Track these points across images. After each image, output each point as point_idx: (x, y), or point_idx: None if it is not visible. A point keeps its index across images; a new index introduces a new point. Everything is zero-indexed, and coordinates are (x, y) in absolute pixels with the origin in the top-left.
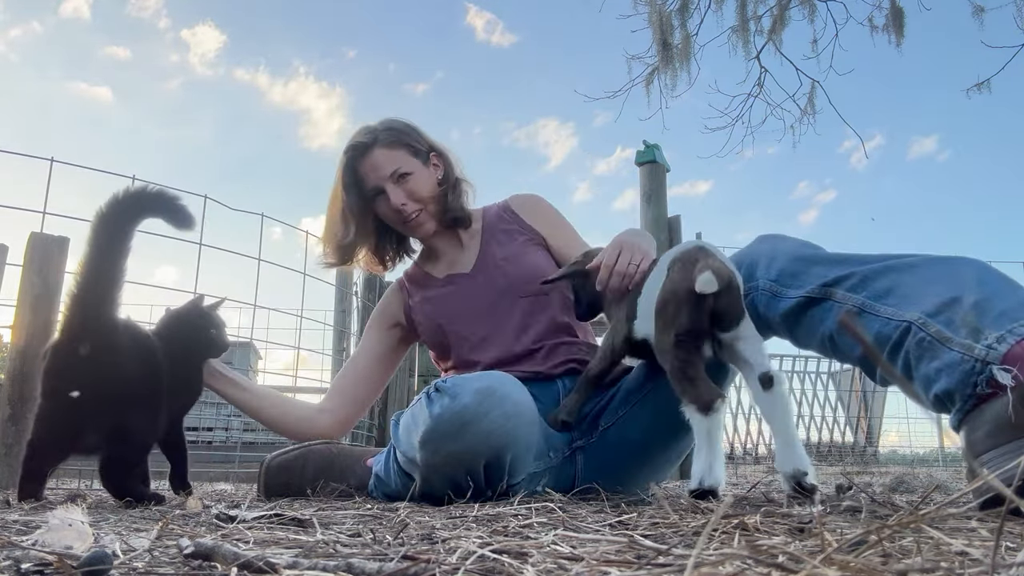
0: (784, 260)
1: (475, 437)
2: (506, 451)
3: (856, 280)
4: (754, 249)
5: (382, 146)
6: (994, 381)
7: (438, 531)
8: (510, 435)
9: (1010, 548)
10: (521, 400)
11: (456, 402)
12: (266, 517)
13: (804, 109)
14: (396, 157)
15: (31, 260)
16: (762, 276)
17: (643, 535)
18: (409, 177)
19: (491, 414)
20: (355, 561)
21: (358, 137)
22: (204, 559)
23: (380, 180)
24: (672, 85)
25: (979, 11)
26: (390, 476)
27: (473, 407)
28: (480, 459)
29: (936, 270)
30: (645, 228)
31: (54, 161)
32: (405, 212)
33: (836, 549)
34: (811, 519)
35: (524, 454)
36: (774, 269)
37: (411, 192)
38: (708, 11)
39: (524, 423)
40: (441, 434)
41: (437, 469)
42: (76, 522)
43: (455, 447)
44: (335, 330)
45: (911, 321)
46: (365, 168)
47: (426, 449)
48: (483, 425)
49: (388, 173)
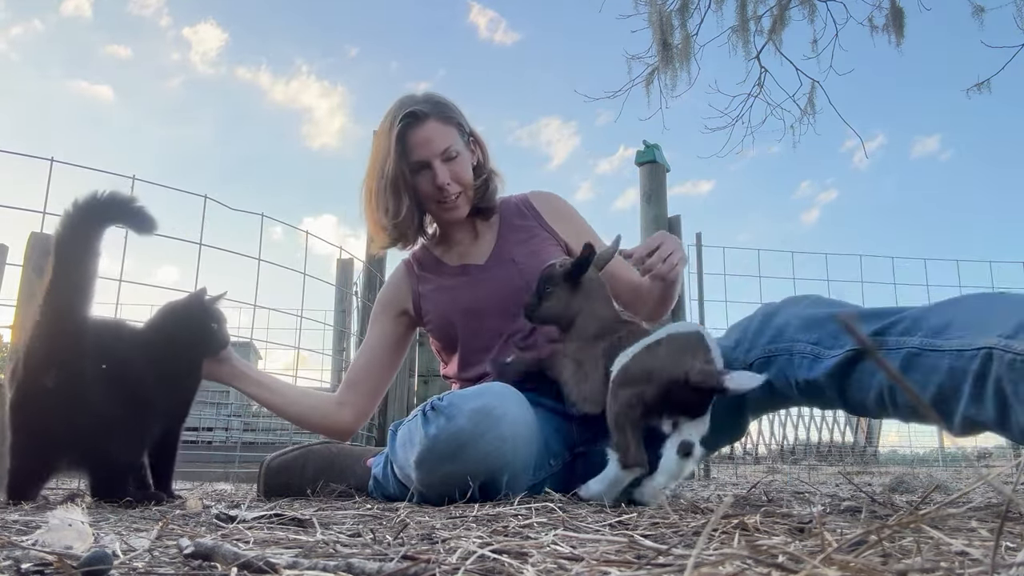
0: (822, 320)
1: (471, 459)
2: (502, 473)
3: (907, 323)
4: (777, 313)
5: (437, 120)
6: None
7: (438, 531)
8: (506, 457)
9: (1010, 548)
10: (519, 419)
11: (452, 424)
12: (266, 517)
13: (804, 109)
14: (449, 134)
15: (31, 260)
16: (802, 338)
17: (643, 535)
18: (457, 158)
19: (487, 436)
20: (355, 561)
21: (412, 105)
22: (204, 559)
23: (429, 155)
24: (672, 85)
25: (979, 11)
26: (388, 481)
27: (469, 429)
28: (476, 480)
29: (983, 301)
30: (645, 228)
31: (54, 161)
32: (448, 191)
33: (836, 549)
34: (811, 519)
35: (521, 474)
36: (814, 331)
37: (456, 173)
38: (708, 11)
39: (521, 444)
40: (437, 455)
41: (433, 487)
42: (76, 522)
43: (450, 469)
44: (335, 330)
45: (991, 347)
46: (417, 139)
47: (421, 469)
48: (479, 447)
49: (440, 149)
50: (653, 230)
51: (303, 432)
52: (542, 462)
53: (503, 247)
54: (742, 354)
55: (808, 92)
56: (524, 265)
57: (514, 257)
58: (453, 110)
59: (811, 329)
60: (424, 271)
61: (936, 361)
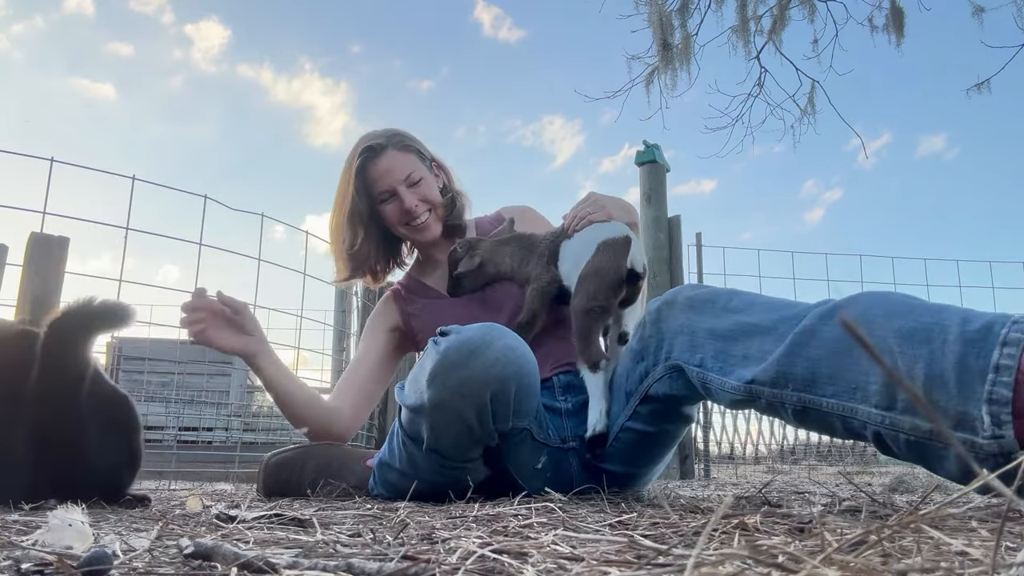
0: (701, 337)
1: (481, 365)
2: (510, 382)
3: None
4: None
5: (395, 149)
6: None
7: (438, 531)
8: (514, 364)
9: (1010, 548)
10: (521, 341)
11: (462, 335)
12: (266, 517)
13: (804, 109)
14: (409, 161)
15: (31, 260)
16: (688, 360)
17: (643, 535)
18: (421, 181)
19: (495, 344)
20: (355, 561)
21: (370, 140)
22: (204, 559)
23: (393, 183)
24: (672, 85)
25: (979, 11)
26: (394, 455)
27: (478, 338)
28: (487, 388)
29: (834, 344)
30: (645, 228)
31: (54, 161)
32: (416, 213)
33: (836, 549)
34: (811, 519)
35: (529, 390)
36: (696, 351)
37: (422, 195)
38: (708, 11)
39: (528, 356)
40: (450, 363)
41: (444, 406)
42: (76, 522)
43: (462, 375)
44: (335, 330)
45: (875, 426)
46: (378, 171)
47: (434, 384)
48: (488, 354)
49: (403, 176)
50: (653, 230)
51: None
52: (543, 423)
53: None
54: (650, 367)
55: (808, 92)
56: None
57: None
58: (411, 139)
59: (695, 349)
60: (411, 294)
61: (826, 419)
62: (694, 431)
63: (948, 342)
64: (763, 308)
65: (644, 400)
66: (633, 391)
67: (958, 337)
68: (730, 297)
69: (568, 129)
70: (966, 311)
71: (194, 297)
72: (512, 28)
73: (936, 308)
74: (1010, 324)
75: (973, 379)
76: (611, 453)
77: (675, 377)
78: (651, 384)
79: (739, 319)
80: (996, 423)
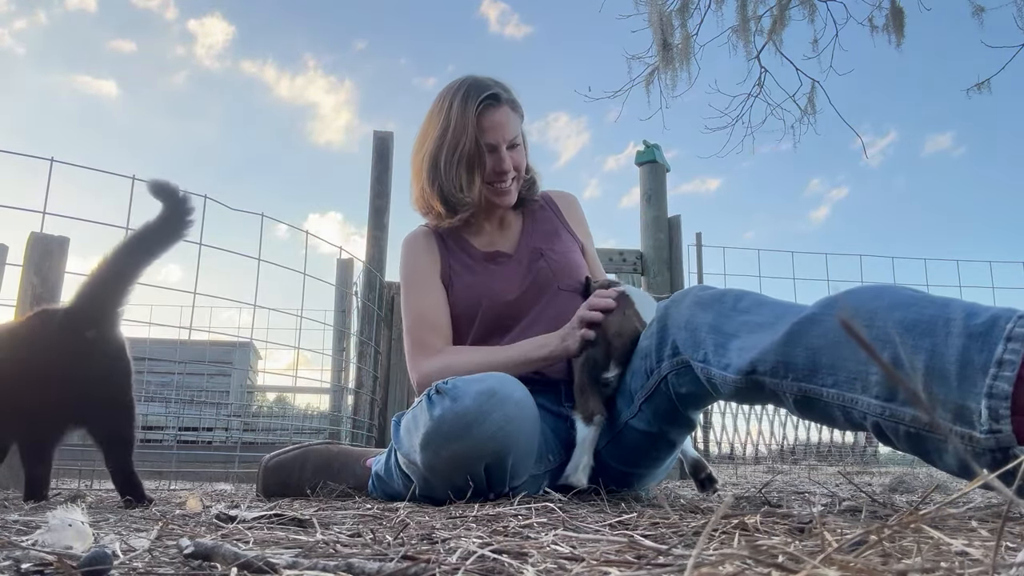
0: (702, 331)
1: (477, 439)
2: (507, 453)
3: (770, 360)
4: (668, 317)
5: (510, 107)
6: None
7: (438, 531)
8: (511, 437)
9: (1010, 548)
10: (523, 401)
11: (458, 404)
12: (266, 517)
13: (804, 109)
14: (516, 123)
15: (31, 260)
16: (693, 355)
17: (643, 535)
18: (518, 148)
19: (492, 415)
20: (355, 561)
21: (491, 88)
22: (204, 559)
23: (500, 139)
24: (672, 85)
25: (979, 11)
26: (392, 476)
27: (475, 409)
28: (481, 461)
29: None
30: (645, 228)
31: (54, 161)
32: (508, 177)
33: (836, 549)
34: (811, 519)
35: (525, 456)
36: (699, 348)
37: (516, 162)
38: (708, 11)
39: (526, 425)
40: (443, 436)
41: (438, 471)
42: (76, 522)
43: (456, 449)
44: (335, 330)
45: (875, 417)
46: (492, 122)
47: (427, 451)
48: (485, 427)
49: (510, 136)
50: (653, 230)
51: (303, 432)
52: (542, 454)
53: (530, 238)
54: (655, 364)
55: (808, 92)
56: (553, 260)
57: (542, 249)
58: (519, 103)
59: (698, 344)
60: (453, 243)
61: (826, 409)
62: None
63: (951, 335)
64: (771, 308)
65: (649, 398)
66: (639, 388)
67: (962, 330)
68: (738, 298)
69: (574, 127)
70: (971, 305)
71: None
72: (519, 24)
73: (941, 301)
74: (1016, 319)
75: (975, 373)
76: (613, 452)
77: (682, 373)
78: (658, 381)
79: (745, 319)
80: (994, 417)
